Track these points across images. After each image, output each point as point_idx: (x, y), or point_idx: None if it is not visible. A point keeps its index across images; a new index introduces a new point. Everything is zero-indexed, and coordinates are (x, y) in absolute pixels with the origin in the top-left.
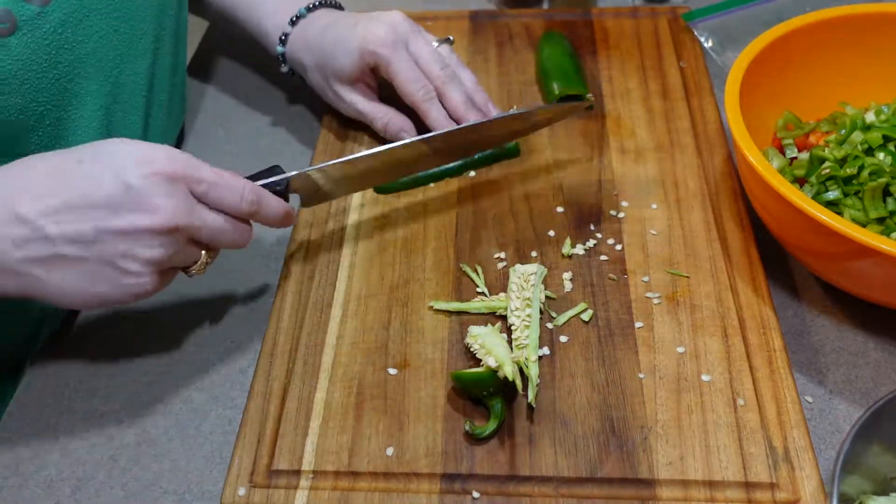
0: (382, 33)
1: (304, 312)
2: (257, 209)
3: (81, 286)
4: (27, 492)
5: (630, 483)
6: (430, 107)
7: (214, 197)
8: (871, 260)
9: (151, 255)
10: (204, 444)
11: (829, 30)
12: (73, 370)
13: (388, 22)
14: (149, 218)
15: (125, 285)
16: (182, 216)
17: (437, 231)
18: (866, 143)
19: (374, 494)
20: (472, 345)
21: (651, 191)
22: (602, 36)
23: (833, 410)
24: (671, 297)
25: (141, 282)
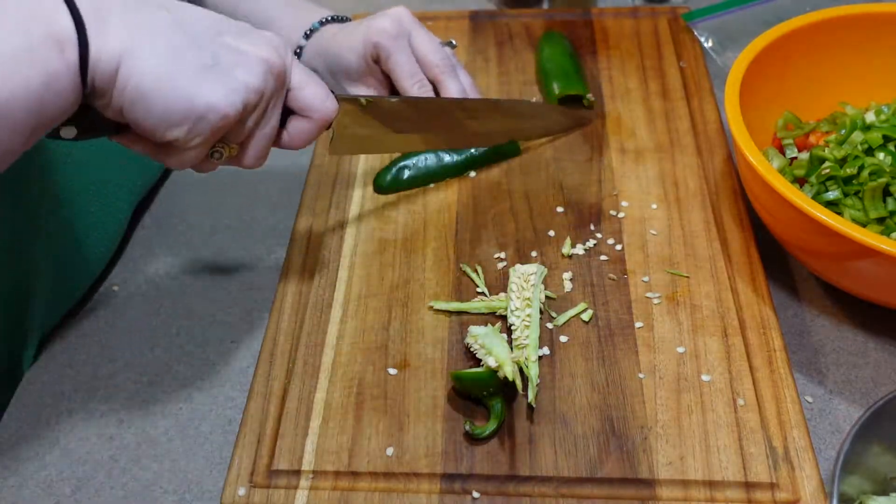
0: (387, 25)
1: (304, 312)
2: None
3: (168, 68)
4: (27, 492)
5: (630, 483)
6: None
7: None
8: (871, 260)
9: (251, 79)
10: (204, 444)
11: (829, 30)
12: (73, 370)
13: (392, 15)
14: (268, 52)
15: (209, 92)
16: (284, 68)
17: (437, 231)
18: (866, 143)
19: (374, 494)
20: (472, 345)
21: (651, 191)
22: (602, 36)
23: (833, 410)
24: (671, 297)
25: (228, 100)
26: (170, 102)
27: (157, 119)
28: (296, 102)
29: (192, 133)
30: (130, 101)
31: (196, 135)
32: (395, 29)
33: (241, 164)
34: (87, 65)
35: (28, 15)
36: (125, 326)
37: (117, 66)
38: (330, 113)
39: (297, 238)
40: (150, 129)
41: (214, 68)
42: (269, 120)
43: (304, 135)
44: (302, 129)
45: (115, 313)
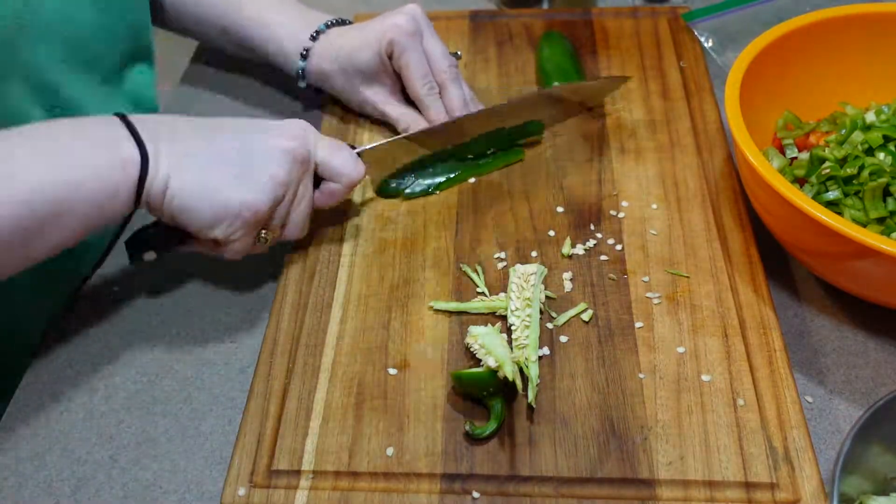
0: (403, 21)
1: (304, 312)
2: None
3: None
4: (27, 492)
5: (630, 483)
6: (431, 102)
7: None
8: (871, 260)
9: (277, 171)
10: (204, 444)
11: (829, 30)
12: (73, 370)
13: (407, 12)
14: (289, 141)
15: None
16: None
17: (437, 231)
18: (866, 143)
19: (374, 494)
20: (472, 345)
21: (651, 191)
22: (602, 36)
23: (833, 410)
24: (671, 297)
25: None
26: (207, 208)
27: (200, 222)
28: (326, 172)
29: (231, 229)
30: (178, 211)
31: (235, 230)
32: (411, 26)
33: (288, 239)
34: (145, 183)
35: (104, 139)
36: (125, 326)
37: (166, 184)
38: (358, 177)
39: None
40: (196, 231)
41: (243, 173)
42: (301, 198)
43: (337, 197)
44: (334, 192)
45: (115, 313)
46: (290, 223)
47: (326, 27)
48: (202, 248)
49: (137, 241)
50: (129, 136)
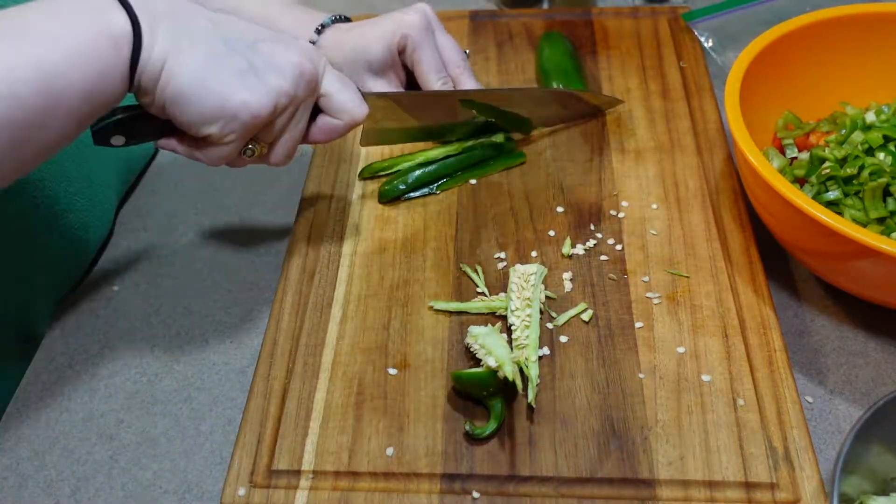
0: (416, 18)
1: (304, 312)
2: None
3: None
4: (27, 492)
5: (630, 483)
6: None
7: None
8: (871, 260)
9: (283, 82)
10: (204, 444)
11: (829, 30)
12: (73, 370)
13: (419, 10)
14: (301, 57)
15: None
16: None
17: (437, 231)
18: (866, 143)
19: (374, 494)
20: (472, 345)
21: (651, 191)
22: (602, 36)
23: (833, 410)
24: (671, 297)
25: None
26: (205, 101)
27: (194, 116)
28: (329, 105)
29: (225, 130)
30: (171, 99)
31: (229, 132)
32: (423, 23)
33: (270, 162)
34: (138, 63)
35: (89, 12)
36: (125, 326)
37: (162, 66)
38: (360, 117)
39: (298, 238)
40: (187, 125)
41: (248, 72)
42: (298, 121)
43: (332, 133)
44: (330, 127)
45: (115, 313)
46: (279, 144)
47: (332, 22)
48: (181, 147)
49: (108, 123)
50: (119, 6)
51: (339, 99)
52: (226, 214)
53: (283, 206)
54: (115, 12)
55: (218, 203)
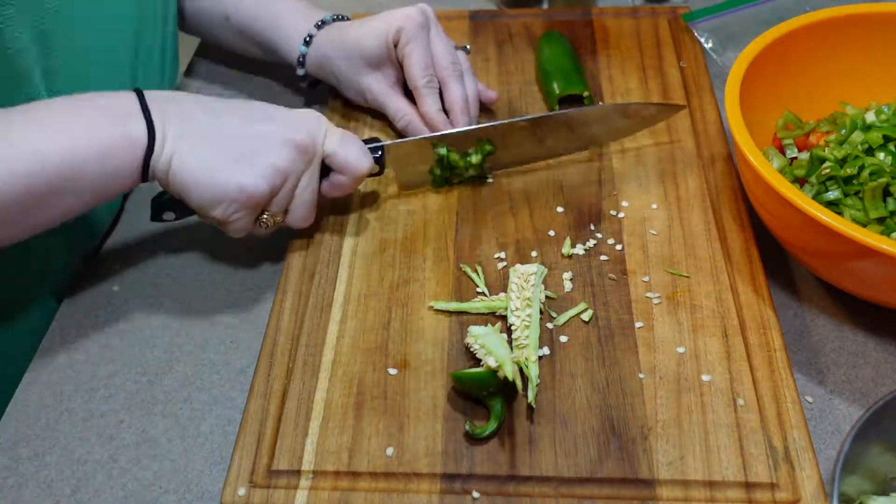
0: (413, 13)
1: (304, 312)
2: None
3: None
4: (27, 492)
5: (630, 483)
6: (428, 93)
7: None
8: (871, 260)
9: (277, 160)
10: (204, 444)
11: (829, 30)
12: (73, 370)
13: (419, 7)
14: (294, 132)
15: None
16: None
17: (437, 231)
18: (866, 143)
19: (374, 494)
20: (472, 345)
21: (651, 191)
22: (602, 36)
23: (833, 410)
24: (671, 297)
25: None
26: (205, 189)
27: (197, 202)
28: (334, 163)
29: (228, 211)
30: (178, 190)
31: (232, 212)
32: (420, 18)
33: (290, 225)
34: (150, 162)
35: (115, 117)
36: (125, 326)
37: (169, 163)
38: (364, 171)
39: (297, 238)
40: (196, 209)
41: (242, 157)
42: (305, 187)
43: (343, 188)
44: (340, 184)
45: (115, 313)
46: (293, 210)
47: (332, 20)
48: (211, 221)
49: (161, 201)
50: (140, 114)
51: (340, 157)
52: None
53: None
54: (137, 120)
55: None
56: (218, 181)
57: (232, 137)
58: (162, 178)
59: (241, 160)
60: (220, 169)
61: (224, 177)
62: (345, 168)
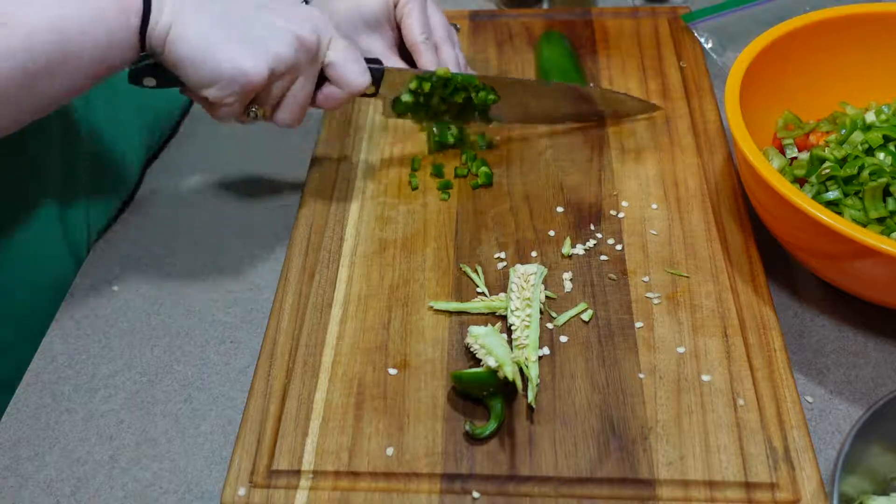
0: None
1: (304, 312)
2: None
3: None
4: (27, 492)
5: (630, 483)
6: (425, 49)
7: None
8: (871, 260)
9: (280, 49)
10: (204, 444)
11: (829, 30)
12: (73, 370)
13: None
14: (302, 28)
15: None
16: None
17: (437, 231)
18: (866, 143)
19: (374, 494)
20: (472, 345)
21: (651, 191)
22: (602, 36)
23: (833, 410)
24: (671, 297)
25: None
26: (202, 66)
27: (193, 79)
28: (331, 74)
29: (223, 92)
30: (174, 63)
31: (227, 94)
32: None
33: (276, 123)
34: (146, 30)
35: None
36: (125, 326)
37: (167, 33)
38: (358, 88)
39: (298, 238)
40: (190, 86)
41: (246, 39)
42: (300, 87)
43: (335, 101)
44: (333, 96)
45: (115, 313)
46: (283, 108)
47: None
48: (196, 98)
49: (143, 67)
50: None
51: (339, 70)
52: (226, 214)
53: (283, 206)
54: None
55: (218, 203)
56: (217, 59)
57: (238, 17)
58: (158, 47)
59: (242, 42)
60: (222, 47)
61: (222, 56)
62: (341, 81)
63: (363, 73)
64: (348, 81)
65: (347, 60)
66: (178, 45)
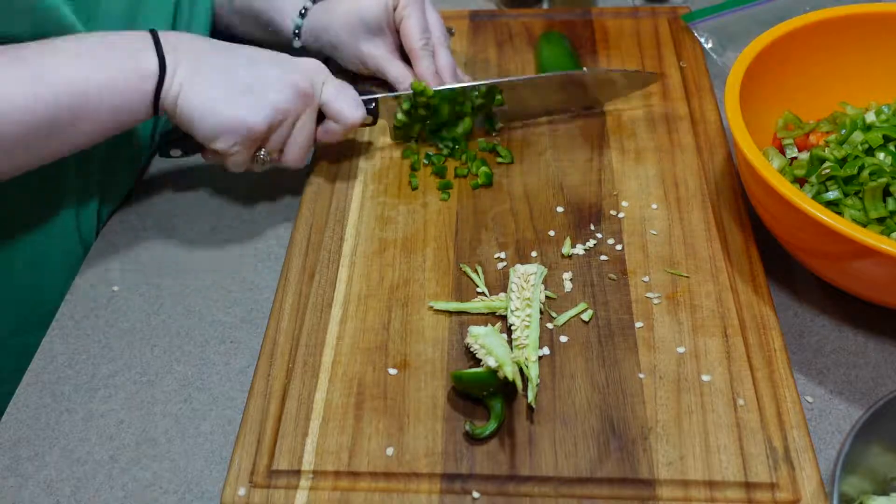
0: None
1: (304, 312)
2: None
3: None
4: (27, 492)
5: (630, 483)
6: (424, 55)
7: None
8: (871, 260)
9: (278, 99)
10: (204, 444)
11: (829, 30)
12: (73, 370)
13: None
14: (296, 76)
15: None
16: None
17: (437, 231)
18: (866, 143)
19: (374, 494)
20: (472, 345)
21: (651, 191)
22: (602, 36)
23: (833, 410)
24: (671, 297)
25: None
26: (208, 120)
27: (201, 133)
28: (328, 112)
29: (228, 143)
30: (185, 122)
31: (233, 144)
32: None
33: (285, 165)
34: (160, 94)
35: (127, 50)
36: (125, 326)
37: (178, 95)
38: (355, 121)
39: (297, 238)
40: (201, 140)
41: (246, 93)
42: (300, 129)
43: (335, 135)
44: (332, 131)
45: (115, 313)
46: (288, 150)
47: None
48: (212, 157)
49: (168, 139)
50: (153, 50)
51: (333, 107)
52: (226, 214)
53: (283, 206)
54: (149, 54)
55: (218, 203)
56: (221, 114)
57: (237, 76)
58: (171, 110)
59: (244, 96)
60: (225, 103)
61: (227, 111)
62: (338, 117)
63: (357, 108)
64: (345, 117)
65: (341, 97)
66: (187, 105)
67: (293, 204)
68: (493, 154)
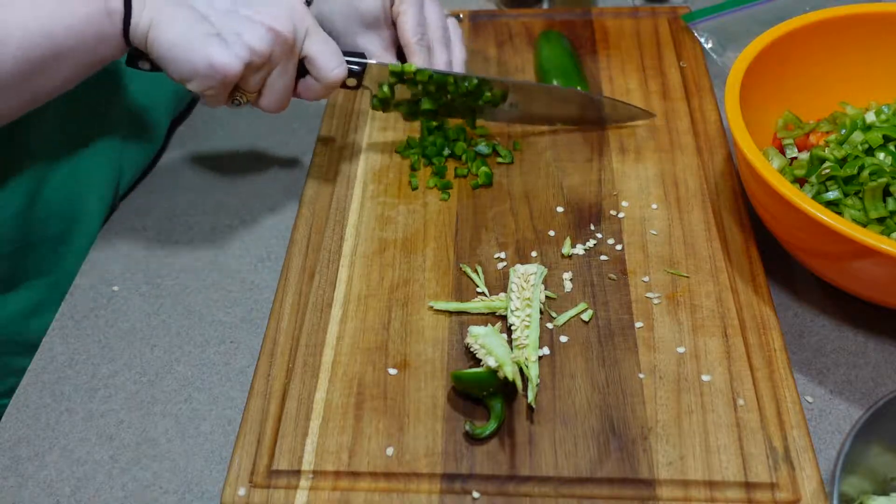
0: None
1: (304, 312)
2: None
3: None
4: (27, 492)
5: (630, 483)
6: (418, 50)
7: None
8: (871, 260)
9: (255, 43)
10: (204, 444)
11: (829, 30)
12: (73, 370)
13: None
14: (276, 22)
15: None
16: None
17: (437, 231)
18: (866, 143)
19: (374, 494)
20: (472, 345)
21: (651, 191)
22: (602, 36)
23: (833, 410)
24: (671, 297)
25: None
26: (180, 63)
27: (174, 75)
28: (309, 67)
29: (202, 85)
30: (156, 60)
31: (206, 87)
32: None
33: (261, 108)
34: (129, 31)
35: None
36: (125, 326)
37: (146, 34)
38: (334, 81)
39: (297, 238)
40: (174, 80)
41: (219, 36)
42: (278, 76)
43: (314, 92)
44: (312, 88)
45: (115, 313)
46: (266, 95)
47: None
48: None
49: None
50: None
51: (316, 62)
52: (226, 214)
53: (283, 206)
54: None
55: (218, 203)
56: (192, 57)
57: (215, 13)
58: (141, 45)
59: (217, 37)
60: (195, 44)
61: (197, 52)
62: (318, 74)
63: (339, 66)
64: (324, 74)
65: (324, 53)
66: (158, 43)
67: (293, 204)
68: (493, 154)
